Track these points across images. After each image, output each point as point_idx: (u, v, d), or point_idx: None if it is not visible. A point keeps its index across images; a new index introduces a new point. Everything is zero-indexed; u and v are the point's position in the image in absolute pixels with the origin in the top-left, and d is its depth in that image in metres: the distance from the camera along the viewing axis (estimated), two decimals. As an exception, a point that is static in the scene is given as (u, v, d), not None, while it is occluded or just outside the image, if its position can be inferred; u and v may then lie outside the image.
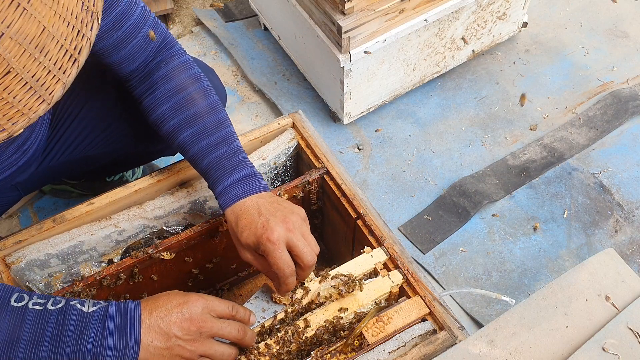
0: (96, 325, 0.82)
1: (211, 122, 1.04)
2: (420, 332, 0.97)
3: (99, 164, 1.33)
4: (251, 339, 0.93)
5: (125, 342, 0.82)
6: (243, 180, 1.00)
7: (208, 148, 1.02)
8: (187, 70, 1.07)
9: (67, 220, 1.11)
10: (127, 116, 1.23)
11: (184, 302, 0.87)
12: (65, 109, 1.20)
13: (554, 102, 1.93)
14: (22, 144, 1.09)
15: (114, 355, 0.82)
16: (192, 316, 0.86)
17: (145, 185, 1.16)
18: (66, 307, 0.82)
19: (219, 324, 0.88)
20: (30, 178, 1.20)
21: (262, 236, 0.93)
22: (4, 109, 0.62)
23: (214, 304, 0.90)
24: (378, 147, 1.83)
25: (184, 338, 0.85)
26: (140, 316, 0.84)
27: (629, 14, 2.16)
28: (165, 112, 1.04)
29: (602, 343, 0.89)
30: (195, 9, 2.22)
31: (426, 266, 1.58)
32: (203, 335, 0.87)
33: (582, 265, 0.99)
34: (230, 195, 0.99)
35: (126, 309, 0.85)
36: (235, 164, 1.01)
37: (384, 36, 1.62)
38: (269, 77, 2.00)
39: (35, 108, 0.65)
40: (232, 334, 0.90)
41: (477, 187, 1.70)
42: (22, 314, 0.81)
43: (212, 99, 1.06)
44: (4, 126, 0.63)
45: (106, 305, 0.85)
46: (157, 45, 1.07)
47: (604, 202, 1.68)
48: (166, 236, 1.18)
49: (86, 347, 0.81)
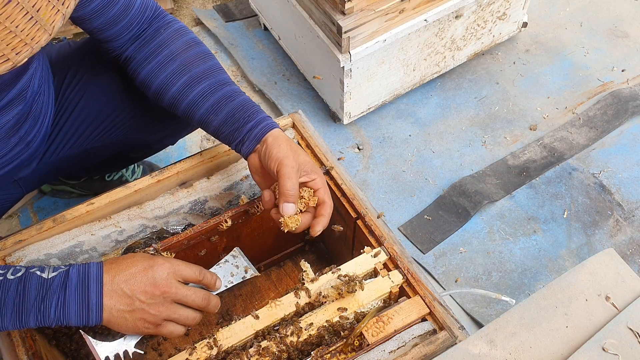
0: (57, 292, 0.82)
1: (223, 78, 1.06)
2: (420, 332, 0.97)
3: (101, 158, 1.34)
4: (215, 306, 0.94)
5: (87, 306, 0.83)
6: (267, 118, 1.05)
7: (231, 94, 1.04)
8: (185, 35, 1.08)
9: (67, 220, 1.11)
10: (127, 105, 1.23)
11: (149, 266, 0.88)
12: (65, 100, 1.20)
13: (554, 102, 1.93)
14: (26, 135, 1.09)
15: (77, 319, 0.83)
16: (156, 281, 0.87)
17: (145, 185, 1.16)
18: (26, 275, 0.83)
19: (183, 291, 0.89)
20: (32, 174, 1.20)
21: (318, 170, 1.02)
22: (7, 38, 0.64)
23: (180, 268, 0.90)
24: (378, 147, 1.83)
25: (147, 302, 0.86)
26: (102, 279, 0.85)
27: (629, 14, 2.16)
28: (172, 74, 1.05)
29: (602, 343, 0.89)
30: (195, 9, 2.22)
31: (426, 266, 1.58)
32: (167, 300, 0.88)
33: (582, 265, 0.99)
34: (270, 124, 1.03)
35: (87, 272, 0.85)
36: (259, 108, 1.06)
37: (384, 36, 1.62)
38: (269, 77, 2.00)
39: (38, 38, 0.66)
40: (195, 302, 0.91)
41: (477, 187, 1.70)
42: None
43: (214, 61, 1.08)
44: (7, 56, 0.65)
45: (66, 270, 0.85)
46: (150, 15, 1.08)
47: (604, 202, 1.68)
48: (166, 236, 1.18)
49: (49, 313, 0.81)
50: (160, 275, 0.88)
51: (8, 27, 0.63)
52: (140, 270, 0.87)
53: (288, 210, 0.97)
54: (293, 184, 0.96)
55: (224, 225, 1.13)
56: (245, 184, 1.24)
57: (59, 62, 1.20)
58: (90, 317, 0.84)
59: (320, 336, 0.97)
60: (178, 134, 1.40)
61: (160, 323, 0.88)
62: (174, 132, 1.37)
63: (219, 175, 1.22)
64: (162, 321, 0.88)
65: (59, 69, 1.20)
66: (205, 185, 1.20)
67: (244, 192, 1.25)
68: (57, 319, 0.82)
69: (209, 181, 1.21)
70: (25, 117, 1.07)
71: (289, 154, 0.98)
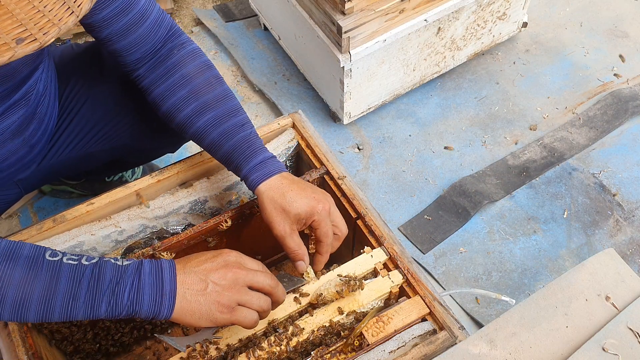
0: (132, 276, 0.83)
1: (230, 106, 1.06)
2: (420, 332, 0.97)
3: (100, 163, 1.34)
4: (282, 292, 0.94)
5: (161, 291, 0.83)
6: (273, 159, 1.04)
7: (233, 129, 1.04)
8: (198, 58, 1.08)
9: (67, 220, 1.11)
10: (129, 111, 1.23)
11: (217, 254, 0.90)
12: (67, 105, 1.20)
13: (554, 102, 1.93)
14: (30, 137, 1.09)
15: (150, 305, 0.82)
16: (227, 263, 0.88)
17: (145, 185, 1.16)
18: (100, 262, 0.83)
19: (253, 273, 0.90)
20: (32, 175, 1.20)
21: (316, 206, 0.98)
22: (36, 18, 0.64)
23: (245, 258, 0.92)
24: (378, 147, 1.83)
25: (220, 284, 0.86)
26: (175, 268, 0.86)
27: (629, 14, 2.16)
28: (181, 99, 1.05)
29: (602, 343, 0.89)
30: (195, 9, 2.22)
31: (426, 266, 1.58)
32: (239, 283, 0.88)
33: (582, 265, 0.99)
34: (271, 168, 1.02)
35: (160, 263, 0.86)
36: (260, 145, 1.05)
37: (384, 36, 1.62)
38: (269, 77, 2.00)
39: (65, 19, 0.67)
40: (266, 281, 0.90)
41: (477, 187, 1.70)
42: (58, 268, 0.81)
43: (225, 86, 1.08)
44: (35, 35, 0.65)
45: (140, 261, 0.86)
46: (165, 33, 1.07)
47: (604, 202, 1.68)
48: (166, 236, 1.18)
49: (123, 297, 0.81)
50: (230, 258, 0.89)
51: (37, 7, 0.64)
52: (209, 257, 0.89)
53: (300, 268, 1.02)
54: (291, 245, 0.99)
55: (224, 225, 1.13)
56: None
57: (62, 65, 1.20)
58: (163, 304, 0.83)
59: (320, 336, 0.97)
60: (178, 143, 1.40)
61: (235, 307, 0.87)
62: (173, 142, 1.38)
63: (219, 175, 1.22)
64: (235, 304, 0.87)
65: (62, 72, 1.20)
66: (205, 185, 1.20)
67: (244, 192, 1.25)
68: (130, 303, 0.81)
69: (209, 181, 1.21)
70: (30, 119, 1.07)
71: (275, 217, 0.99)
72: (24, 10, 0.63)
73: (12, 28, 0.63)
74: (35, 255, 0.81)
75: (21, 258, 0.80)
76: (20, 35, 0.64)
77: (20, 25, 0.63)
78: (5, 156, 1.06)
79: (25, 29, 0.64)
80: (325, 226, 1.00)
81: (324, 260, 1.03)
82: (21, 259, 0.80)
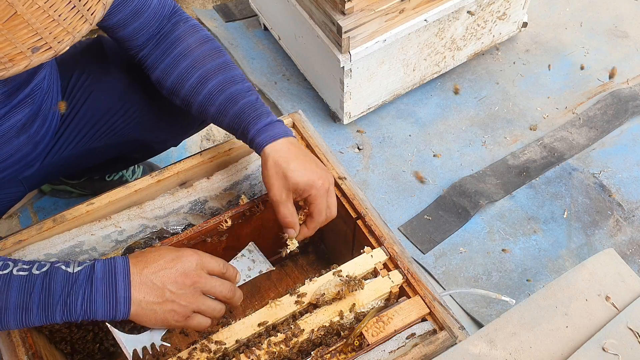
0: (83, 285, 0.82)
1: (234, 74, 1.07)
2: (420, 332, 0.97)
3: (104, 159, 1.34)
4: (239, 298, 0.95)
5: (115, 299, 0.83)
6: (280, 122, 1.04)
7: (239, 94, 1.04)
8: (198, 32, 1.09)
9: (67, 220, 1.11)
10: (132, 105, 1.24)
11: (177, 257, 0.88)
12: (71, 100, 1.20)
13: (554, 102, 1.93)
14: (35, 133, 1.09)
15: (104, 313, 0.83)
16: (186, 271, 0.87)
17: (145, 185, 1.16)
18: (51, 270, 0.83)
19: (212, 282, 0.90)
20: (36, 172, 1.21)
21: (316, 181, 0.99)
22: (50, 27, 0.65)
23: (207, 260, 0.91)
24: (378, 147, 1.83)
25: (177, 293, 0.86)
26: (129, 272, 0.85)
27: (629, 14, 2.16)
28: (185, 69, 1.06)
29: (602, 343, 0.89)
30: (195, 9, 2.22)
31: (426, 266, 1.58)
32: (197, 291, 0.88)
33: (582, 265, 0.99)
34: (278, 130, 1.02)
35: (114, 266, 0.84)
36: (266, 109, 1.05)
37: (384, 36, 1.62)
38: (269, 77, 2.00)
39: (80, 27, 0.67)
40: (222, 292, 0.91)
41: (477, 187, 1.70)
42: (8, 281, 0.81)
43: (227, 57, 1.09)
44: (50, 44, 0.66)
45: (92, 264, 0.84)
46: (169, 13, 1.09)
47: (604, 202, 1.68)
48: (166, 236, 1.18)
49: (76, 307, 0.81)
50: (189, 266, 0.88)
51: (52, 16, 0.64)
52: (168, 262, 0.87)
53: (290, 234, 1.03)
54: (283, 212, 1.00)
55: (224, 225, 1.13)
56: (245, 184, 1.24)
57: (65, 61, 1.21)
58: (118, 310, 0.83)
59: (320, 336, 0.97)
60: (182, 135, 1.40)
61: (190, 315, 0.88)
62: (177, 133, 1.37)
63: (219, 175, 1.22)
64: (191, 313, 0.88)
65: (64, 67, 1.20)
66: (205, 185, 1.20)
67: (244, 192, 1.25)
68: (83, 312, 0.82)
69: (209, 181, 1.21)
70: (35, 116, 1.08)
71: (274, 181, 0.99)
72: (40, 19, 0.64)
73: (27, 37, 0.64)
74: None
75: None
76: (35, 44, 0.65)
77: (36, 34, 0.64)
78: (11, 153, 1.07)
79: (40, 37, 0.65)
80: (321, 203, 1.01)
81: (308, 234, 1.05)
82: None
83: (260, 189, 1.28)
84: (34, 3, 0.63)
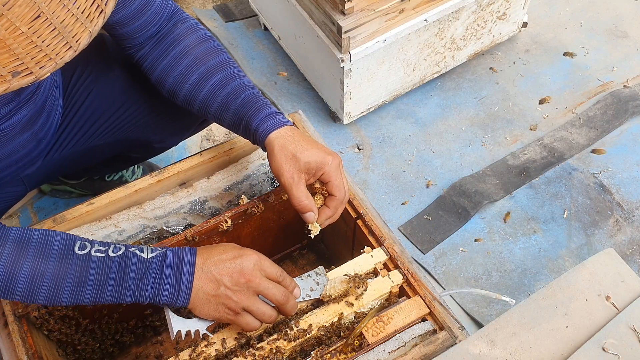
0: (154, 271, 0.88)
1: (234, 71, 1.08)
2: (420, 332, 0.97)
3: (104, 157, 1.34)
4: (292, 307, 0.95)
5: (178, 287, 0.88)
6: (282, 114, 1.05)
7: (240, 88, 1.05)
8: (198, 31, 1.10)
9: (67, 220, 1.11)
10: (132, 103, 1.24)
11: (238, 255, 0.91)
12: (72, 97, 1.21)
13: (554, 102, 1.93)
14: (39, 130, 1.10)
15: (169, 298, 0.88)
16: (243, 269, 0.90)
17: (145, 185, 1.16)
18: (126, 254, 0.89)
19: (266, 283, 0.91)
20: (37, 171, 1.21)
21: (327, 157, 0.99)
22: (33, 52, 0.64)
23: (266, 263, 0.93)
24: (378, 147, 1.83)
25: (232, 288, 0.89)
26: (194, 263, 0.90)
27: (629, 14, 2.16)
28: (186, 68, 1.06)
29: (602, 343, 0.89)
30: (195, 9, 2.22)
31: (426, 266, 1.58)
32: (250, 290, 0.90)
33: (582, 265, 0.99)
34: (281, 119, 1.03)
35: (182, 256, 0.90)
36: (268, 102, 1.06)
37: (384, 36, 1.62)
38: (269, 77, 2.00)
39: (63, 54, 0.67)
40: (276, 296, 0.92)
41: (477, 187, 1.70)
42: (87, 261, 0.87)
43: (227, 55, 1.10)
44: (31, 69, 0.65)
45: (164, 252, 0.90)
46: (170, 13, 1.09)
47: (604, 202, 1.68)
48: (166, 236, 1.19)
49: (146, 290, 0.88)
50: (248, 264, 0.90)
51: (34, 42, 0.64)
52: (230, 258, 0.91)
53: (308, 219, 1.00)
54: (298, 195, 0.98)
55: (224, 225, 1.13)
56: (245, 184, 1.25)
57: None
58: (180, 297, 0.88)
59: (320, 336, 0.97)
60: (182, 134, 1.40)
61: (240, 312, 0.90)
62: (177, 132, 1.37)
63: (219, 175, 1.22)
64: (241, 310, 0.90)
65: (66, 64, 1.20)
66: (205, 185, 1.20)
67: (244, 192, 1.25)
68: (151, 296, 0.88)
69: (209, 181, 1.21)
70: (39, 113, 1.08)
71: (283, 165, 0.98)
72: (22, 45, 0.63)
73: (8, 62, 0.63)
74: (65, 247, 0.87)
75: (53, 252, 0.86)
76: (16, 69, 0.64)
77: (17, 59, 0.64)
78: (14, 150, 1.07)
79: (21, 62, 0.64)
80: (337, 178, 0.99)
81: (331, 215, 1.01)
82: (53, 253, 0.86)
83: (261, 189, 1.28)
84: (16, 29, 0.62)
